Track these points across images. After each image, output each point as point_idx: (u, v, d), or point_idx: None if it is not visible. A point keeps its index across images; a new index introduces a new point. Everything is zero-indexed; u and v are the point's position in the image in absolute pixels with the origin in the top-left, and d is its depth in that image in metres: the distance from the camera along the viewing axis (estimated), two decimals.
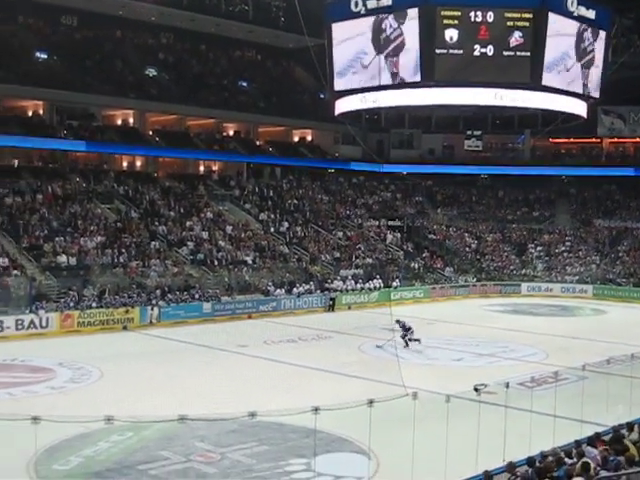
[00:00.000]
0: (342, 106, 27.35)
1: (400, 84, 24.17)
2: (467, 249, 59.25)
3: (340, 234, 54.98)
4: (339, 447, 18.63)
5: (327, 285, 46.58)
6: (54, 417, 17.98)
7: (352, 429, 18.66)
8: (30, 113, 51.52)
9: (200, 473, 17.05)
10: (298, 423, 19.20)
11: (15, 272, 37.89)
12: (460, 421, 15.91)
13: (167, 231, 46.94)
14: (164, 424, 19.81)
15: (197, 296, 41.23)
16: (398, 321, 32.24)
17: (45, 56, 52.02)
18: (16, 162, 49.49)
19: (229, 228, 50.04)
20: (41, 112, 51.33)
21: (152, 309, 38.58)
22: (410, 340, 32.13)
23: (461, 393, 17.72)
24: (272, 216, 53.90)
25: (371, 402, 13.95)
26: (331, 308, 44.78)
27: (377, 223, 59.09)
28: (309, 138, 65.80)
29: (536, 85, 23.65)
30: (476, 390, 17.23)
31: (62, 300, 37.07)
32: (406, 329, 32.26)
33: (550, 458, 12.50)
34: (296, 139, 65.34)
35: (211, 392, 23.37)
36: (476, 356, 31.64)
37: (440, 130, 62.19)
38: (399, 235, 57.84)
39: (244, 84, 62.42)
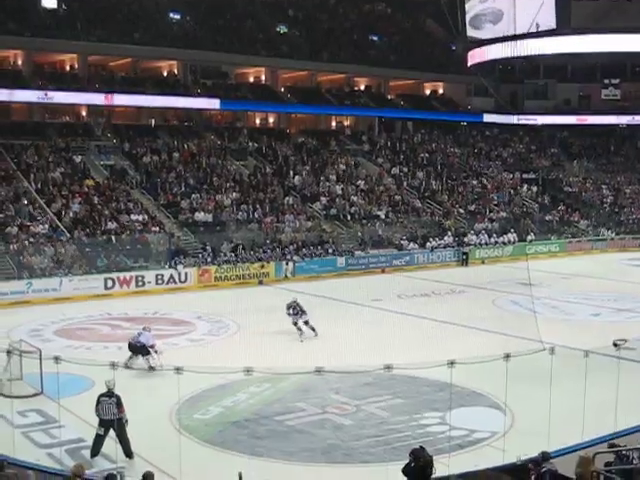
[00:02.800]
0: (475, 57, 26.95)
1: (536, 32, 23.55)
2: (604, 202, 57.44)
3: (474, 187, 54.21)
4: (474, 401, 18.57)
5: (461, 239, 46.12)
6: (195, 368, 18.60)
7: (487, 383, 18.55)
8: (165, 73, 52.68)
9: (335, 425, 17.30)
10: (433, 377, 19.24)
11: (154, 229, 39.05)
12: (598, 377, 15.54)
13: (300, 187, 47.33)
14: (300, 376, 20.18)
15: (331, 251, 41.54)
16: (291, 306, 26.52)
17: (178, 17, 52.95)
18: (153, 121, 50.75)
19: (362, 183, 50.06)
20: (176, 72, 52.41)
21: (287, 264, 39.18)
22: (304, 324, 26.06)
23: (599, 349, 17.33)
24: (404, 170, 53.60)
25: (507, 356, 13.75)
26: (465, 262, 44.37)
27: (511, 176, 57.98)
28: (441, 91, 64.95)
29: None
30: (615, 345, 16.76)
31: (199, 255, 38.03)
32: (296, 313, 26.34)
33: None
34: (427, 92, 64.58)
35: (346, 345, 23.40)
36: (614, 311, 30.81)
37: (576, 79, 60.76)
38: (534, 188, 56.62)
39: (374, 38, 62.04)
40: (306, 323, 25.96)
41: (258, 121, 57.24)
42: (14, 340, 22.13)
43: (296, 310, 26.24)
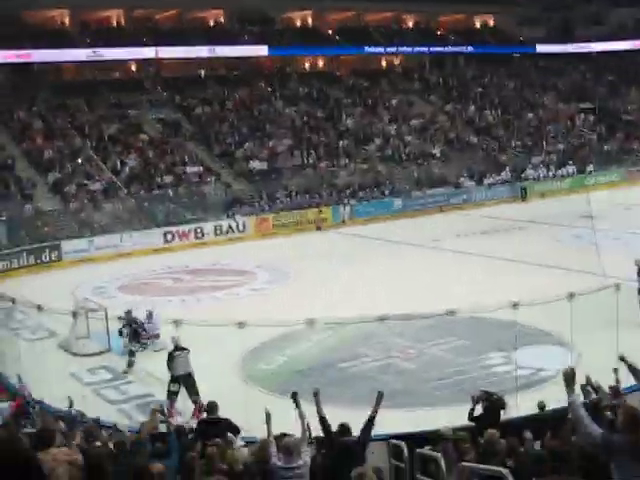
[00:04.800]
0: None
1: None
2: None
3: (529, 120, 53.27)
4: (539, 340, 18.40)
5: (518, 174, 45.48)
6: (257, 320, 18.74)
7: (552, 322, 18.26)
8: (212, 22, 52.34)
9: (399, 369, 17.34)
10: (496, 317, 19.08)
11: (210, 179, 39.18)
12: None
13: (353, 129, 46.98)
14: (362, 323, 20.21)
15: (387, 192, 41.33)
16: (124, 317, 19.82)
17: None
18: (202, 72, 50.57)
19: (415, 122, 49.51)
20: (222, 20, 52.05)
21: (344, 208, 39.08)
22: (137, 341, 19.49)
23: None
24: (458, 106, 52.84)
25: (571, 295, 13.53)
26: (523, 197, 43.77)
27: (567, 106, 56.79)
28: (491, 23, 63.59)
29: None
30: None
31: (256, 204, 38.12)
32: (130, 323, 19.58)
33: None
34: (477, 25, 63.28)
35: (407, 289, 23.38)
36: None
37: (632, 3, 58.91)
38: (591, 118, 55.42)
39: None
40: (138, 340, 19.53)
41: (307, 65, 56.71)
42: (79, 299, 22.51)
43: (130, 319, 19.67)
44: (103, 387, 17.23)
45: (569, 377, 6.04)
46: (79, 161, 38.22)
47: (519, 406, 12.74)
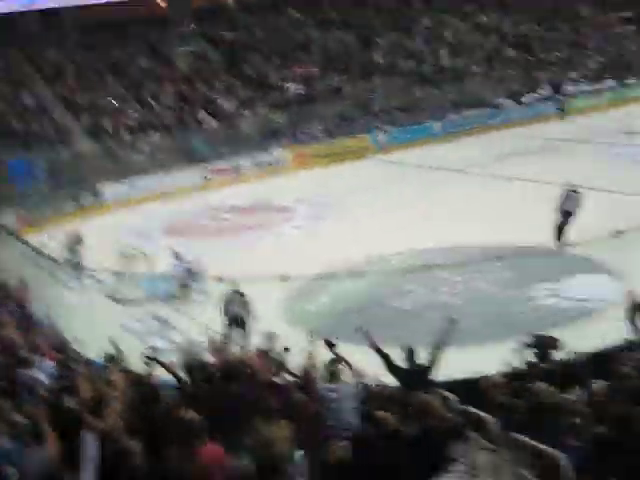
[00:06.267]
0: None
1: None
2: None
3: (567, 32, 51.86)
4: (586, 269, 18.14)
5: (557, 89, 44.39)
6: (301, 261, 18.77)
7: (600, 252, 17.88)
8: None
9: (446, 304, 17.16)
10: (541, 245, 18.91)
11: (245, 112, 38.86)
12: None
13: (386, 51, 46.10)
14: (407, 256, 20.16)
15: (424, 116, 40.70)
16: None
17: None
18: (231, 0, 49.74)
19: (449, 38, 48.38)
20: None
21: (381, 134, 38.62)
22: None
23: None
24: (493, 21, 51.50)
25: (619, 232, 13.30)
26: (562, 115, 42.63)
27: (606, 15, 55.14)
28: None
29: None
30: None
31: (293, 135, 37.77)
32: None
33: None
34: None
35: (449, 220, 23.11)
36: None
37: None
38: (632, 27, 53.72)
39: None
40: None
41: None
42: (124, 245, 22.57)
43: None
44: (149, 335, 17.29)
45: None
46: (112, 100, 38.09)
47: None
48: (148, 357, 9.48)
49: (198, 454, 5.88)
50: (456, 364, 10.69)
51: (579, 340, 11.97)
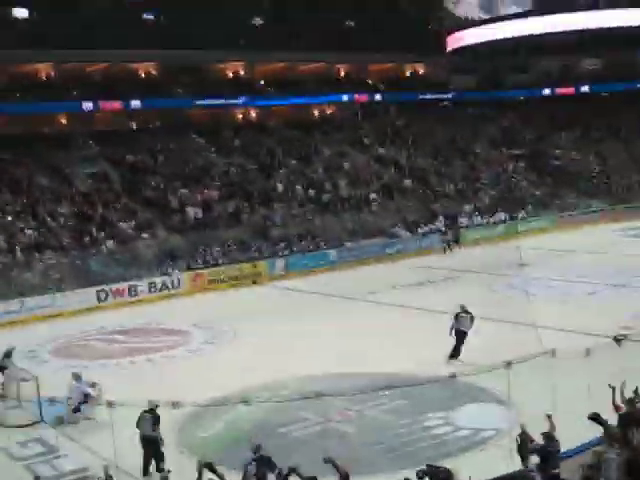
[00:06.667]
0: (455, 41, 26.65)
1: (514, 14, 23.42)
2: (593, 172, 57.02)
3: (461, 167, 53.88)
4: (477, 397, 18.36)
5: (452, 222, 45.80)
6: (194, 385, 18.49)
7: (489, 378, 18.15)
8: (143, 74, 52.06)
9: (339, 433, 17.05)
10: (434, 373, 19.03)
11: (144, 235, 38.76)
12: (602, 374, 15.29)
13: (287, 180, 46.95)
14: (301, 382, 20.04)
15: (322, 244, 41.34)
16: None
17: (152, 17, 52.22)
18: (134, 125, 50.27)
19: (349, 169, 49.70)
20: (153, 72, 51.84)
21: (278, 261, 38.97)
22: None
23: (601, 338, 17.26)
24: (391, 153, 53.23)
25: (509, 364, 13.60)
26: (455, 245, 43.83)
27: (499, 152, 57.66)
28: (421, 71, 64.41)
29: None
30: (617, 341, 16.57)
31: (191, 259, 37.76)
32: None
33: None
34: (408, 74, 64.01)
35: (343, 348, 23.23)
36: (611, 287, 30.56)
37: (555, 52, 60.25)
38: (522, 164, 56.31)
39: (351, 23, 61.26)
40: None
41: (240, 117, 56.69)
42: (9, 367, 21.84)
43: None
44: (36, 462, 16.58)
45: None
46: (9, 218, 37.55)
47: (462, 471, 12.46)
48: None
49: None
50: None
51: (472, 470, 12.00)
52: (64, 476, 15.67)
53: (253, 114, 56.59)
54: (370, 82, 59.92)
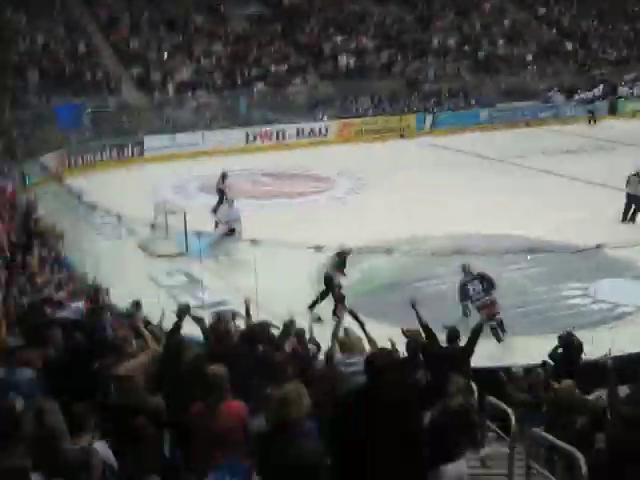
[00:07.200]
0: None
1: None
2: None
3: (626, 31, 50.94)
4: (619, 272, 17.97)
5: (611, 89, 43.61)
6: (336, 232, 18.71)
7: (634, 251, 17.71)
8: None
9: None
10: (575, 242, 18.70)
11: (295, 80, 38.74)
12: None
13: (443, 33, 45.59)
14: (441, 240, 20.03)
15: (473, 102, 40.40)
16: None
17: None
18: None
19: (508, 27, 47.77)
20: None
21: (428, 116, 38.40)
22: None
23: None
24: (554, 14, 50.78)
25: None
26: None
27: None
28: None
29: None
30: None
31: (340, 107, 37.64)
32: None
33: None
34: None
35: (488, 208, 22.91)
36: None
37: None
38: None
39: None
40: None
41: None
42: (159, 198, 22.69)
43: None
44: (179, 292, 17.33)
45: None
46: (164, 53, 38.12)
47: (595, 344, 12.33)
48: (181, 310, 9.36)
49: (220, 410, 5.90)
50: (483, 352, 10.62)
51: (608, 344, 11.83)
52: (204, 308, 16.29)
53: None
54: None
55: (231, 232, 19.85)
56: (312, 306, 15.85)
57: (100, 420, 6.09)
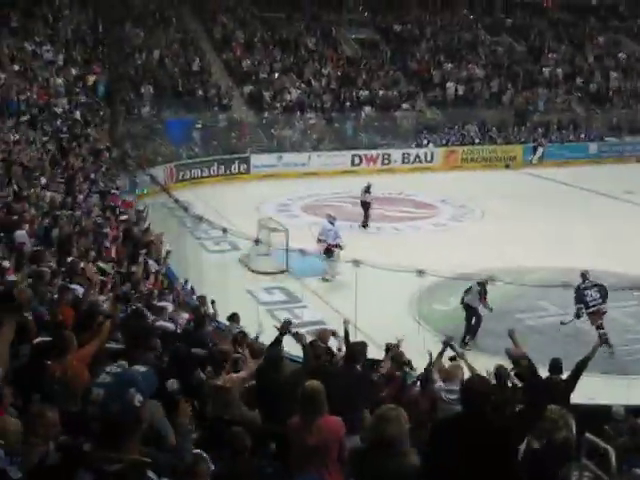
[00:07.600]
0: None
1: None
2: None
3: None
4: None
5: None
6: (437, 258, 18.58)
7: None
8: None
9: (576, 328, 16.64)
10: None
11: (404, 105, 38.79)
12: None
13: (555, 65, 45.02)
14: (545, 272, 19.67)
15: (582, 136, 39.74)
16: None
17: None
18: None
19: (622, 60, 46.79)
20: None
21: (536, 148, 37.92)
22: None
23: None
24: None
25: None
26: None
27: None
28: None
29: None
30: None
31: (447, 135, 37.53)
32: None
33: None
34: None
35: (595, 244, 22.34)
36: None
37: None
38: None
39: None
40: None
41: None
42: (263, 216, 22.96)
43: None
44: (277, 308, 17.47)
45: None
46: (275, 74, 38.66)
47: None
48: (284, 325, 9.51)
49: (318, 425, 5.92)
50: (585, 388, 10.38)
51: None
52: (303, 326, 16.38)
53: None
54: None
55: (331, 252, 19.96)
56: (463, 340, 15.77)
57: (196, 429, 6.19)
